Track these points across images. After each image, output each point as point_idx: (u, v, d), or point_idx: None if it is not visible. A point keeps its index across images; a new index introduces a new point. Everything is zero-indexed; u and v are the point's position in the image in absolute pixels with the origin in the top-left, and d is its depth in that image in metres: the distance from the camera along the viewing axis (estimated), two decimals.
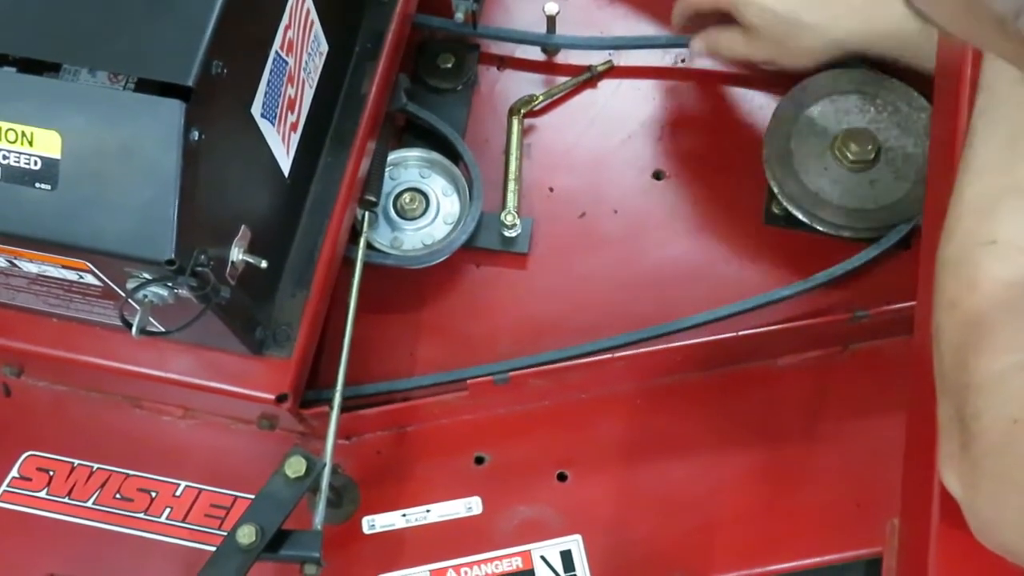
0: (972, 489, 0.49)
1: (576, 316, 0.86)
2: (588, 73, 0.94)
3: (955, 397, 0.50)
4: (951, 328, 0.51)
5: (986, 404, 0.48)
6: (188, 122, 0.56)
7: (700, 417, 0.84)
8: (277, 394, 0.74)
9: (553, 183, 0.91)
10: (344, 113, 0.80)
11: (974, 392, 0.49)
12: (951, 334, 0.51)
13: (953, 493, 0.50)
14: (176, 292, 0.61)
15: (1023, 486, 0.47)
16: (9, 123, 0.57)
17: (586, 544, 0.80)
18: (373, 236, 0.85)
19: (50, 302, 0.70)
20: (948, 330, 0.51)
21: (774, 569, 0.80)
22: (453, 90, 0.94)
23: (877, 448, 0.79)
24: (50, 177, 0.57)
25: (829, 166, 0.84)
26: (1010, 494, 0.47)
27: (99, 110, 0.57)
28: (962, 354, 0.50)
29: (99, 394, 0.85)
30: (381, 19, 0.83)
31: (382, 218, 0.87)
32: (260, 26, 0.64)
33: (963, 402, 0.49)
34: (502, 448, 0.84)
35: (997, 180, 0.52)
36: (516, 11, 0.97)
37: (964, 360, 0.50)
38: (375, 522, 0.82)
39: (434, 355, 0.85)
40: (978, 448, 0.48)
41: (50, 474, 0.84)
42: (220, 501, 0.83)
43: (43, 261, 0.62)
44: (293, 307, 0.75)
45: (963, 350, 0.50)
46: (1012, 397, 0.47)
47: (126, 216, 0.57)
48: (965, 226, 0.52)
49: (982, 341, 0.49)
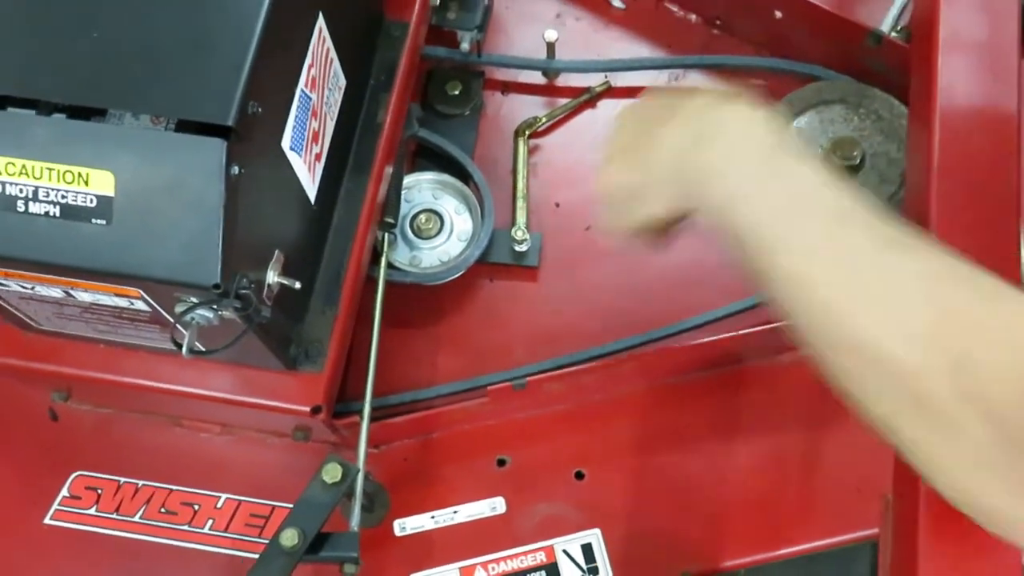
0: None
1: (586, 323, 0.91)
2: (587, 94, 1.00)
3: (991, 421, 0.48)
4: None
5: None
6: (229, 158, 0.61)
7: (708, 413, 0.89)
8: (312, 406, 0.79)
9: (559, 199, 0.97)
10: (362, 141, 0.86)
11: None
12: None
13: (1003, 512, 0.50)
14: (221, 314, 0.66)
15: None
16: (66, 165, 0.62)
17: (605, 537, 0.85)
18: (393, 256, 0.91)
19: (99, 328, 0.76)
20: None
21: (785, 553, 0.85)
22: (461, 115, 0.99)
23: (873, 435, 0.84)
24: (105, 213, 0.62)
25: None
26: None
27: (148, 150, 0.63)
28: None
29: (141, 415, 0.91)
30: (393, 52, 0.89)
31: (400, 238, 0.93)
32: (288, 67, 0.70)
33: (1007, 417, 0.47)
34: (522, 450, 0.89)
35: None
36: (517, 39, 1.02)
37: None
38: (406, 524, 0.87)
39: (454, 365, 0.90)
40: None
41: (98, 492, 0.89)
42: (259, 511, 0.88)
43: (98, 290, 0.67)
44: (323, 324, 0.80)
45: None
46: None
47: (175, 246, 0.62)
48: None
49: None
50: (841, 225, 0.56)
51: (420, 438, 0.90)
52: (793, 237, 0.56)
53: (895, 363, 0.51)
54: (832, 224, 0.56)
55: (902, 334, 0.51)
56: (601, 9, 1.04)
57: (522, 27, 1.03)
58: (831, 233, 0.56)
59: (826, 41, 0.96)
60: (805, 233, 0.56)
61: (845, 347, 0.54)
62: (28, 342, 0.80)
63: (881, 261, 0.54)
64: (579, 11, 1.04)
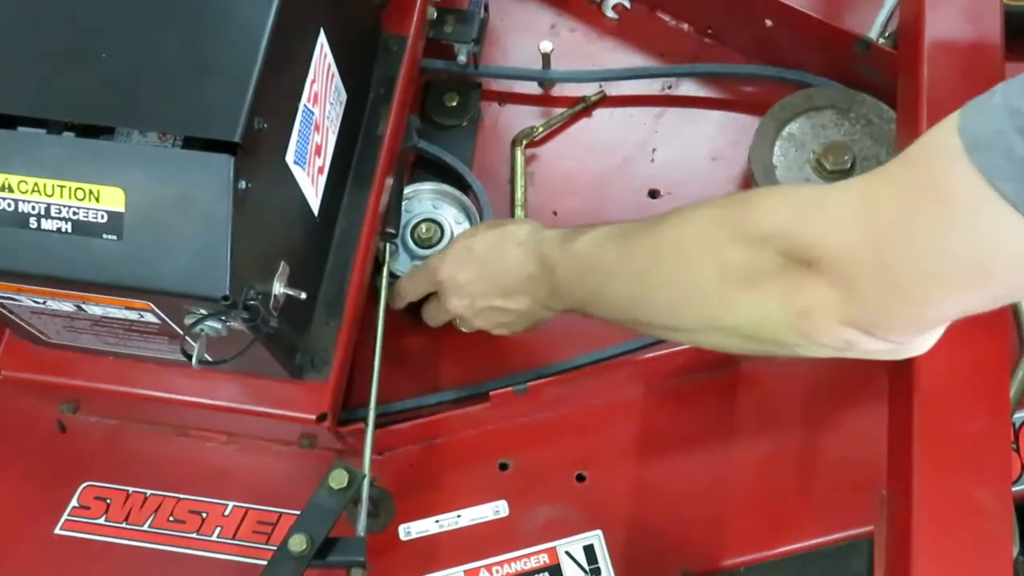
0: (853, 289, 0.57)
1: (584, 329, 0.92)
2: (583, 103, 1.01)
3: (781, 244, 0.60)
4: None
5: (824, 224, 0.59)
6: (237, 174, 0.63)
7: (705, 415, 0.91)
8: (318, 414, 0.80)
9: (556, 207, 0.99)
10: (363, 153, 0.88)
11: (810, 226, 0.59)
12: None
13: (844, 316, 0.58)
14: (229, 325, 0.68)
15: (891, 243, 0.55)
16: (77, 182, 0.64)
17: (606, 538, 0.86)
18: (396, 266, 0.92)
19: (108, 341, 0.77)
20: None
21: (783, 551, 0.86)
22: (459, 126, 1.01)
23: (868, 433, 0.85)
24: (116, 228, 0.64)
25: (810, 177, 0.92)
26: (884, 253, 0.56)
27: (157, 167, 0.64)
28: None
29: (148, 425, 0.92)
30: (392, 65, 0.91)
31: (402, 248, 0.94)
32: (291, 82, 0.72)
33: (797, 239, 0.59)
34: (524, 454, 0.91)
35: None
36: (513, 50, 1.04)
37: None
38: (411, 529, 0.88)
39: (457, 371, 0.92)
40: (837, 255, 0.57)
41: (107, 502, 0.90)
42: (266, 518, 0.89)
43: (109, 304, 0.69)
44: (328, 334, 0.82)
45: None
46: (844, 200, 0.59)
47: (185, 259, 0.64)
48: None
49: None
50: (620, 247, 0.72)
51: (424, 444, 0.91)
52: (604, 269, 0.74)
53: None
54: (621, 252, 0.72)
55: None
56: (595, 20, 1.06)
57: (518, 39, 1.05)
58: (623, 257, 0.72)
59: (816, 48, 0.98)
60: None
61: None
62: (38, 356, 0.82)
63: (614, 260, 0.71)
64: (573, 22, 1.06)
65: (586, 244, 0.75)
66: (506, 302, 0.81)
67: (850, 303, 0.56)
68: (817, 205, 0.58)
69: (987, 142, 0.49)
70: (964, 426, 0.58)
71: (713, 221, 0.64)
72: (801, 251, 0.58)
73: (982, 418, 0.58)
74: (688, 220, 0.67)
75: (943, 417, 0.59)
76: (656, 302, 0.70)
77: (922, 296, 0.54)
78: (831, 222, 0.57)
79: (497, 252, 0.81)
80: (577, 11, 1.06)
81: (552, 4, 1.07)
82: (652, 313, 0.71)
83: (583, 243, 0.76)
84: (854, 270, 0.56)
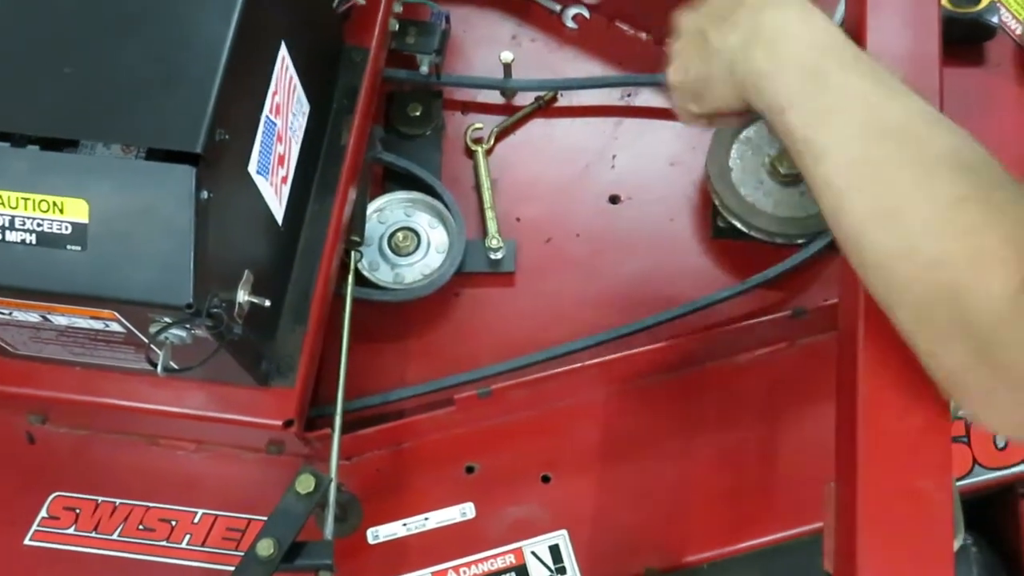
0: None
1: (550, 333, 0.94)
2: (535, 104, 1.03)
3: (971, 341, 0.53)
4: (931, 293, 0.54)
5: (1013, 330, 0.51)
6: (198, 184, 0.64)
7: (669, 414, 0.93)
8: (284, 420, 0.82)
9: (520, 213, 1.00)
10: (327, 163, 0.89)
11: (999, 329, 0.52)
12: (934, 297, 0.54)
13: (1005, 428, 0.56)
14: (194, 333, 0.69)
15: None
16: (41, 195, 0.65)
17: (572, 537, 0.88)
18: (377, 276, 0.94)
19: (75, 351, 0.78)
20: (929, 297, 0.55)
21: (745, 546, 0.88)
22: (423, 135, 1.03)
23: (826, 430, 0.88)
24: (80, 239, 0.65)
25: (764, 180, 0.94)
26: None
27: (120, 178, 0.65)
28: (959, 308, 0.53)
29: (117, 435, 0.93)
30: (354, 76, 0.92)
31: (381, 259, 0.96)
32: (253, 94, 0.73)
33: (987, 342, 0.52)
34: (490, 457, 0.92)
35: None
36: (475, 60, 1.06)
37: (965, 311, 0.52)
38: (379, 532, 0.89)
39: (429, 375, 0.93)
40: (1019, 368, 0.51)
41: (76, 512, 0.91)
42: (236, 525, 0.90)
43: (74, 314, 0.70)
44: (293, 340, 0.83)
45: (957, 301, 0.53)
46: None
47: (149, 268, 0.65)
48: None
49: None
50: (879, 141, 0.57)
51: (390, 449, 0.93)
52: (832, 149, 0.58)
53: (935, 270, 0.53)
54: (870, 140, 0.58)
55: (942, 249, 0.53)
56: (555, 30, 1.08)
57: (479, 49, 1.07)
58: (867, 151, 0.57)
59: None
60: (844, 147, 0.58)
61: (880, 258, 0.56)
62: (5, 367, 0.82)
63: (918, 180, 0.55)
64: (534, 32, 1.08)
65: (866, 114, 0.59)
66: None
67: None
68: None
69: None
70: (906, 421, 0.60)
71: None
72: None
73: (923, 413, 0.60)
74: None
75: (886, 412, 0.61)
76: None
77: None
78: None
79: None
80: (538, 22, 1.08)
81: (513, 15, 1.09)
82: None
83: (863, 105, 0.59)
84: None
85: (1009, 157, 0.93)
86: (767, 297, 0.93)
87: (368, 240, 0.96)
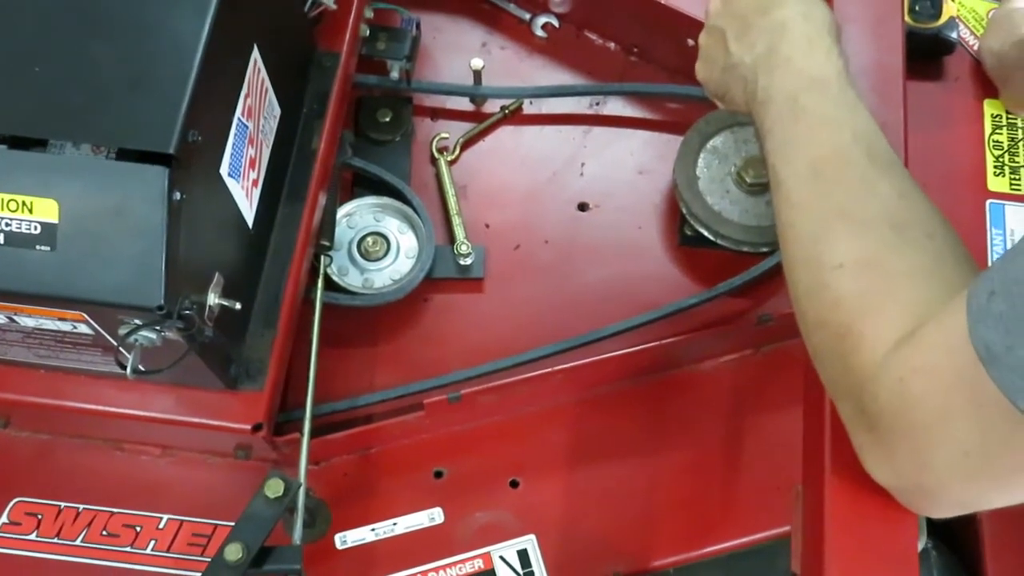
0: (890, 458, 0.55)
1: (519, 339, 0.95)
2: (500, 113, 1.04)
3: (851, 395, 0.57)
4: (826, 343, 0.59)
5: (878, 386, 0.55)
6: (171, 185, 0.64)
7: (634, 421, 0.94)
8: (253, 424, 0.81)
9: (489, 220, 1.01)
10: (297, 167, 0.89)
11: (868, 384, 0.55)
12: (828, 347, 0.59)
13: (881, 478, 0.57)
14: (164, 335, 0.69)
15: (926, 426, 0.53)
16: (9, 194, 0.65)
17: (540, 542, 0.88)
18: (346, 280, 0.94)
19: (40, 354, 0.77)
20: (824, 346, 0.59)
21: (711, 551, 0.89)
22: (392, 141, 1.03)
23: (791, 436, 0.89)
24: (49, 239, 0.64)
25: (730, 189, 0.96)
26: (920, 437, 0.53)
27: (91, 178, 0.65)
28: (844, 361, 0.57)
29: (81, 439, 0.92)
30: (325, 81, 0.92)
31: (350, 264, 0.96)
32: (225, 97, 0.73)
33: (860, 395, 0.56)
34: (458, 462, 0.92)
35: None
36: (445, 67, 1.07)
37: (848, 366, 0.57)
38: (347, 538, 0.89)
39: (394, 380, 0.93)
40: (884, 421, 0.55)
41: (39, 518, 0.89)
42: (201, 530, 0.89)
43: (41, 315, 0.69)
44: (263, 344, 0.83)
45: (843, 357, 0.57)
46: (894, 368, 0.55)
47: (119, 270, 0.64)
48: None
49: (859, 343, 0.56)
50: (819, 184, 0.60)
51: (359, 453, 0.92)
52: (785, 182, 0.62)
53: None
54: (814, 182, 0.61)
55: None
56: (525, 38, 1.09)
57: (449, 56, 1.07)
58: (807, 191, 0.61)
59: None
60: (793, 182, 0.62)
61: (799, 292, 0.61)
62: None
63: (842, 231, 0.58)
64: (504, 40, 1.09)
65: (826, 141, 0.62)
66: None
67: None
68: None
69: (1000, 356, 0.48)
70: None
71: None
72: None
73: None
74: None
75: None
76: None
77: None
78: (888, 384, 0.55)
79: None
80: (507, 30, 1.09)
81: (483, 23, 1.09)
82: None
83: (824, 132, 0.63)
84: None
85: (964, 168, 0.96)
86: (733, 304, 0.95)
87: (338, 245, 0.96)
